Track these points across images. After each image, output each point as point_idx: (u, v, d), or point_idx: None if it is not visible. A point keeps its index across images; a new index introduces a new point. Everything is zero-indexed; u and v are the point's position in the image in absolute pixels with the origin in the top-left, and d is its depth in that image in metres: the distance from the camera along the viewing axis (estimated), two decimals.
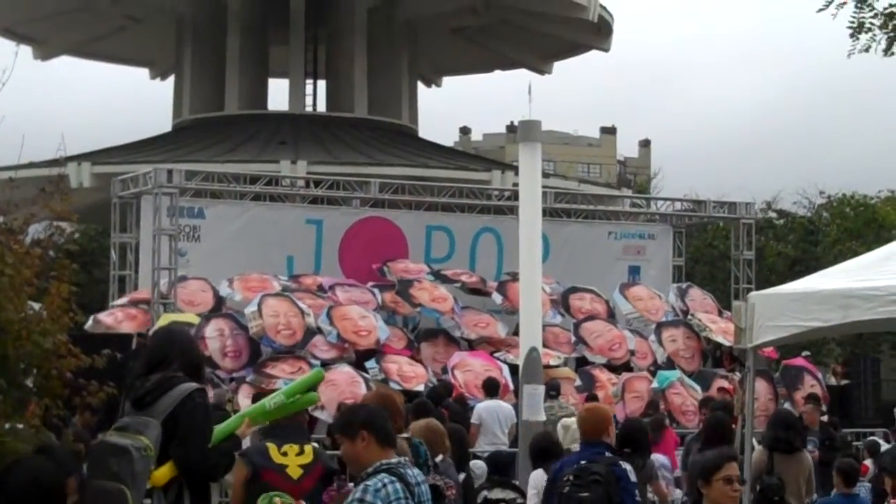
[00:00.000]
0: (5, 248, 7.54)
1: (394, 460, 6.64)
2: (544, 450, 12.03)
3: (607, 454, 9.76)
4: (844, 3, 12.59)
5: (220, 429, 7.21)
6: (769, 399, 25.53)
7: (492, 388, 21.52)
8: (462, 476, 11.56)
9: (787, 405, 25.89)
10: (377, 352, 25.66)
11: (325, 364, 24.93)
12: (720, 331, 27.65)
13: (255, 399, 9.33)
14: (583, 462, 9.55)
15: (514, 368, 22.80)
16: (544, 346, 20.34)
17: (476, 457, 16.61)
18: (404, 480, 6.56)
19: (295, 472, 8.89)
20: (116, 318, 26.68)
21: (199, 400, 6.74)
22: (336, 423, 7.04)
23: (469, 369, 25.30)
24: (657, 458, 13.41)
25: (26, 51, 46.95)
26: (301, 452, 8.97)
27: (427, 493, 6.77)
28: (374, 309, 27.00)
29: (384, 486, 6.52)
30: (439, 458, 10.08)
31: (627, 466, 9.44)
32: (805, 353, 30.67)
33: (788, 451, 11.74)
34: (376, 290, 27.88)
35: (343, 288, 27.75)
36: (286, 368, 24.33)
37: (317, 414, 23.03)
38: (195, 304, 26.62)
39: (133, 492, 6.54)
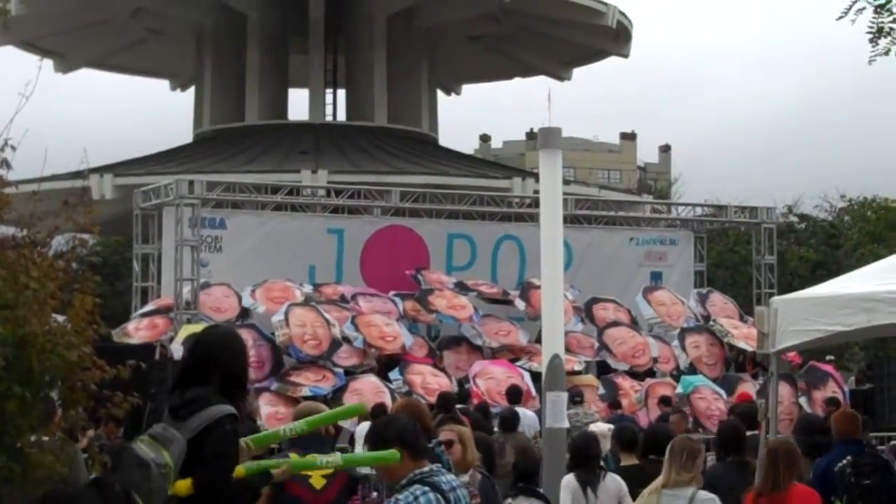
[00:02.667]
0: (29, 261, 7.58)
1: (426, 469, 6.58)
2: (588, 456, 12.03)
3: (865, 448, 11.59)
4: (863, 9, 12.57)
5: (258, 463, 7.18)
6: (792, 402, 25.43)
7: (515, 396, 21.51)
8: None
9: (803, 400, 25.83)
10: (400, 360, 25.72)
11: (348, 372, 25.03)
12: (742, 336, 27.60)
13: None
14: (849, 457, 11.13)
15: (536, 376, 22.79)
16: (567, 350, 20.31)
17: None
18: (438, 489, 6.50)
19: (318, 482, 8.89)
20: (137, 326, 26.78)
21: (228, 426, 6.70)
22: (369, 436, 6.98)
23: (491, 377, 25.36)
24: None
25: (47, 63, 47.12)
26: None
27: (466, 498, 6.72)
28: (397, 319, 27.07)
29: (416, 498, 6.45)
30: (469, 471, 10.06)
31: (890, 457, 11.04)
32: (829, 357, 30.57)
33: (815, 455, 11.71)
34: (398, 300, 27.93)
35: (365, 298, 27.80)
36: (310, 376, 24.42)
37: (341, 423, 23.07)
38: (222, 311, 26.67)
39: None
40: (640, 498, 9.92)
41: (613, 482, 11.79)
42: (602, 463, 13.36)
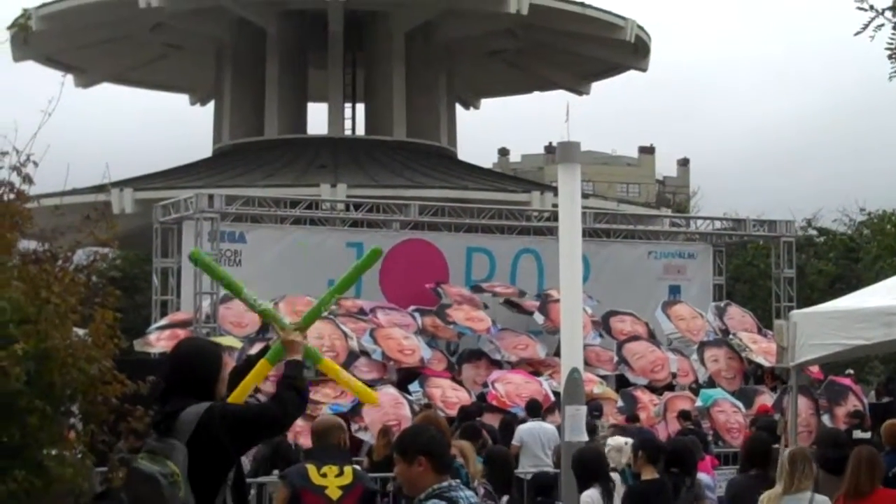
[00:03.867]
0: (51, 276, 7.62)
1: (445, 484, 6.56)
2: (605, 469, 12.01)
3: None
4: (882, 26, 12.54)
5: (273, 349, 7.34)
6: (810, 414, 25.40)
7: (535, 409, 21.50)
8: (506, 498, 11.59)
9: (825, 417, 25.79)
10: (419, 374, 25.71)
11: (367, 385, 24.99)
12: (761, 351, 27.55)
13: None
14: None
15: (557, 394, 22.78)
16: (586, 364, 20.35)
17: (519, 479, 16.61)
18: None
19: (334, 493, 8.92)
20: (158, 336, 26.80)
21: (218, 405, 6.78)
22: (396, 443, 7.01)
23: (510, 382, 25.50)
24: (702, 477, 13.35)
25: (68, 79, 47.30)
26: (340, 473, 9.00)
27: None
28: (415, 332, 27.08)
29: None
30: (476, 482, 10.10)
31: None
32: (848, 371, 30.48)
33: (837, 471, 11.65)
34: (417, 315, 27.94)
35: (384, 311, 27.81)
36: (330, 393, 24.30)
37: (360, 435, 23.09)
38: (243, 326, 26.60)
39: None
40: (761, 501, 10.39)
41: (617, 496, 11.81)
42: (620, 476, 13.37)
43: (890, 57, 12.61)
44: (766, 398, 25.96)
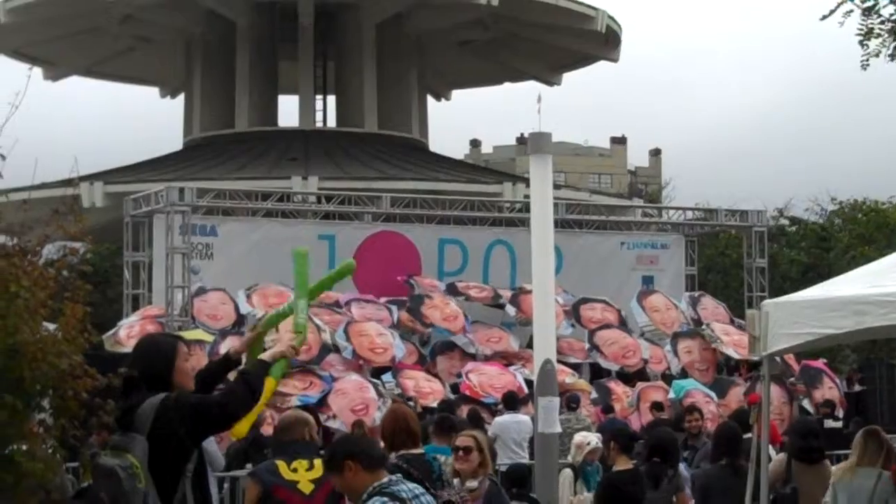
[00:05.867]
0: (20, 270, 7.57)
1: (384, 480, 6.66)
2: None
3: None
4: (851, 12, 12.57)
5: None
6: (783, 402, 25.48)
7: (511, 402, 21.47)
8: None
9: (805, 402, 25.87)
10: (392, 368, 25.68)
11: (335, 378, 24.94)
12: (732, 343, 27.58)
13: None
14: None
15: (530, 383, 22.80)
16: (558, 353, 20.36)
17: (494, 471, 16.59)
18: (398, 498, 6.57)
19: (306, 486, 8.90)
20: (129, 333, 26.65)
21: (172, 395, 6.87)
22: (323, 460, 7.17)
23: (483, 373, 25.54)
24: (681, 468, 13.31)
25: (36, 72, 47.08)
26: (311, 467, 8.99)
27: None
28: (390, 326, 26.98)
29: None
30: (479, 478, 10.05)
31: None
32: (822, 360, 30.59)
33: (810, 460, 11.65)
34: (393, 308, 27.84)
35: (359, 304, 27.69)
36: (297, 385, 24.16)
37: (329, 424, 23.05)
38: (218, 319, 26.48)
39: None
40: (837, 472, 11.13)
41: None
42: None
43: (861, 42, 12.64)
44: (741, 389, 26.01)
